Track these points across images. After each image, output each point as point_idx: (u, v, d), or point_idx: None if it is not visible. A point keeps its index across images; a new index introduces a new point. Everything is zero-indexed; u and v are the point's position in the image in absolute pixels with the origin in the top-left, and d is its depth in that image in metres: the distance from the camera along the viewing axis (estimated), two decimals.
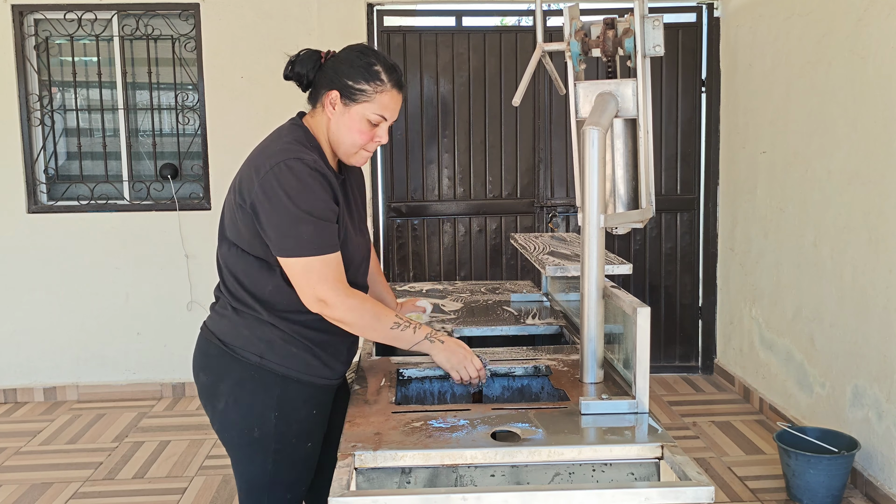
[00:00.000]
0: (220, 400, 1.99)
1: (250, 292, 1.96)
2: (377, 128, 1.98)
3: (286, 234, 1.85)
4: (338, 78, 1.94)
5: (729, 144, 4.96)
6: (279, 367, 1.96)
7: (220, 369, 2.00)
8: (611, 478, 1.67)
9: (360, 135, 1.96)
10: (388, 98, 1.97)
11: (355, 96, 1.93)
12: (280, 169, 1.85)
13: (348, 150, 1.98)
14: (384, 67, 1.96)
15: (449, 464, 1.63)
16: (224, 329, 2.00)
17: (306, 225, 1.84)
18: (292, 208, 1.84)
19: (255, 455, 2.00)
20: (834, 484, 3.33)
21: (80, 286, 4.95)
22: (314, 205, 1.85)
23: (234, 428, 1.99)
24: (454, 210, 5.15)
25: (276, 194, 1.84)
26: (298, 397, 1.99)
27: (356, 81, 1.93)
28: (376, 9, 4.97)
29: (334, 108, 1.95)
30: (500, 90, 5.08)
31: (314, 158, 1.89)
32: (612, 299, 1.97)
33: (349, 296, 1.90)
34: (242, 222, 1.92)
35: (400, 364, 2.24)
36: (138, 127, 5.01)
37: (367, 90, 1.93)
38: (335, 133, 1.97)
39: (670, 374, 5.27)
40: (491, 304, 3.01)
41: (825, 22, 3.77)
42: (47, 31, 4.89)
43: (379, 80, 1.94)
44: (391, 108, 1.98)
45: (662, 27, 1.94)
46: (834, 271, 3.72)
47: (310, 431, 2.03)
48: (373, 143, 1.99)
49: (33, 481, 3.80)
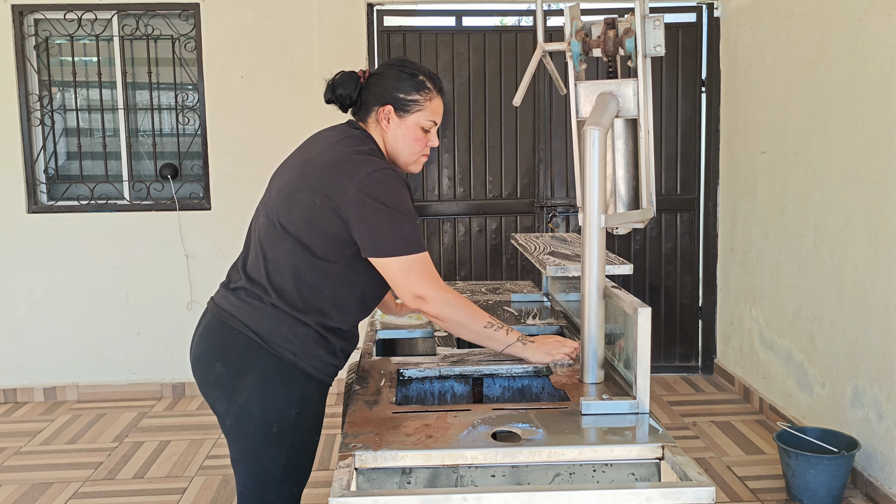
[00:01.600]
0: (242, 393, 2.00)
1: (300, 291, 1.99)
2: (429, 133, 2.10)
3: (389, 235, 1.94)
4: (388, 93, 2.05)
5: (729, 144, 4.96)
6: (308, 366, 2.02)
7: (247, 362, 2.00)
8: (611, 478, 1.67)
9: (417, 142, 2.07)
10: (437, 104, 2.09)
11: (409, 107, 2.05)
12: (376, 178, 1.94)
13: (408, 159, 2.10)
14: (427, 77, 2.08)
15: (449, 464, 1.63)
16: (260, 322, 2.00)
17: (406, 225, 1.95)
18: (393, 212, 1.94)
19: (269, 450, 2.02)
20: (834, 484, 3.33)
21: (80, 286, 4.95)
22: (407, 208, 1.97)
23: (253, 421, 2.01)
24: (454, 210, 5.15)
25: (376, 199, 1.93)
26: (315, 394, 2.06)
27: (408, 94, 2.05)
28: (376, 9, 4.97)
29: (389, 122, 2.06)
30: (500, 90, 5.08)
31: (399, 171, 2.03)
32: (612, 299, 1.97)
33: (446, 291, 2.00)
34: (323, 223, 1.96)
35: (400, 364, 2.24)
36: (138, 127, 5.01)
37: (420, 99, 2.05)
38: (393, 144, 2.08)
39: (670, 374, 5.27)
40: (491, 304, 3.01)
41: (825, 22, 3.77)
42: (47, 31, 4.89)
43: (426, 88, 2.06)
44: (439, 113, 2.11)
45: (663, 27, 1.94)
46: (834, 271, 3.72)
47: (317, 428, 2.11)
48: (427, 147, 2.11)
49: (33, 481, 3.80)
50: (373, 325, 2.72)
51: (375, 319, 2.78)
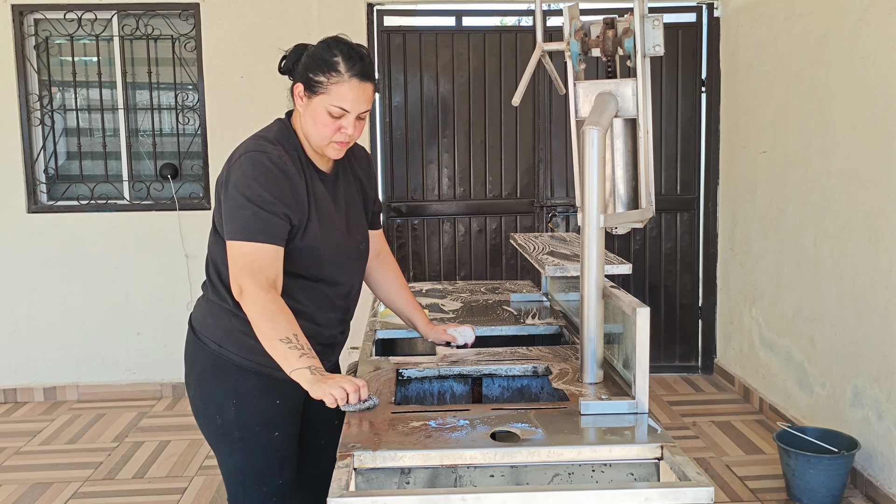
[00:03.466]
0: (191, 387, 2.07)
1: (222, 279, 2.01)
2: (341, 119, 1.94)
3: (229, 217, 1.90)
4: (303, 70, 1.96)
5: (729, 144, 4.96)
6: (235, 356, 1.99)
7: (192, 356, 2.07)
8: (610, 478, 1.67)
9: (324, 127, 1.94)
10: (346, 89, 1.91)
11: (315, 88, 1.93)
12: (242, 160, 1.92)
13: (318, 143, 1.98)
14: (345, 58, 1.92)
15: (448, 464, 1.63)
16: (196, 315, 2.08)
17: (244, 210, 1.88)
18: (237, 194, 1.89)
19: (223, 444, 2.04)
20: (834, 484, 3.33)
21: (80, 286, 4.95)
22: (258, 194, 1.87)
23: (200, 415, 2.06)
24: (454, 210, 5.15)
25: (232, 182, 1.91)
26: (256, 387, 2.00)
27: (314, 73, 1.93)
28: (376, 9, 4.97)
29: (301, 101, 1.97)
30: (500, 90, 5.07)
31: (280, 154, 1.93)
32: (611, 299, 1.97)
33: (262, 290, 1.85)
34: (217, 209, 1.99)
35: (400, 364, 2.24)
36: (138, 127, 5.01)
37: (323, 82, 1.92)
38: (304, 126, 1.99)
39: (670, 374, 5.27)
40: (491, 304, 3.01)
41: (825, 22, 3.76)
42: (47, 31, 4.89)
43: (335, 71, 1.91)
44: (350, 100, 1.92)
45: (662, 27, 1.93)
46: (834, 271, 3.72)
47: (274, 422, 2.02)
48: (340, 134, 1.96)
49: (33, 481, 3.80)
50: (372, 325, 2.71)
51: (375, 319, 2.77)
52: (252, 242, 1.87)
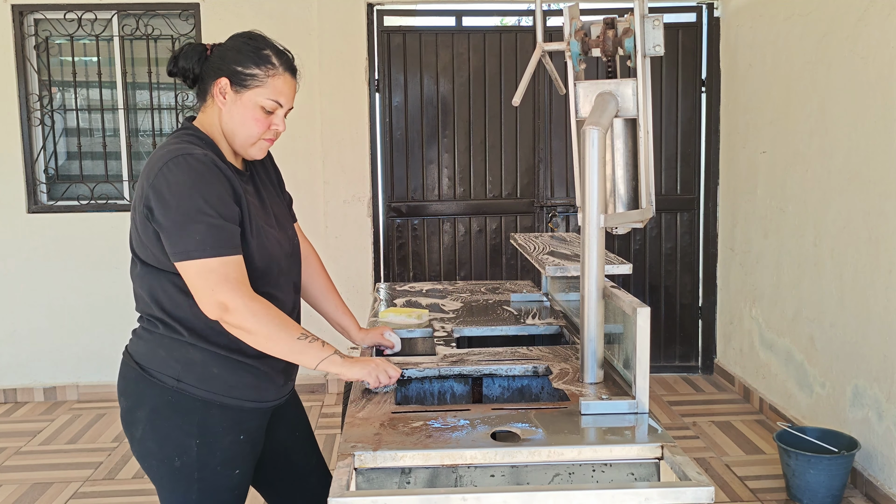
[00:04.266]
0: (138, 427, 1.87)
1: (167, 311, 1.83)
2: (272, 115, 1.86)
3: (180, 235, 1.72)
4: (226, 65, 1.84)
5: (729, 144, 4.96)
6: (198, 390, 1.83)
7: (138, 394, 1.88)
8: (611, 478, 1.67)
9: (256, 123, 1.85)
10: (282, 82, 1.85)
11: (246, 82, 1.83)
12: (168, 168, 1.74)
13: (245, 142, 1.87)
14: (274, 52, 1.86)
15: (449, 464, 1.63)
16: (140, 351, 1.88)
17: (198, 224, 1.72)
18: (182, 207, 1.72)
19: (177, 485, 1.88)
20: (834, 484, 3.33)
21: (80, 286, 4.95)
22: (207, 201, 1.73)
23: (152, 457, 1.88)
24: (454, 210, 5.15)
25: (165, 194, 1.73)
26: (222, 423, 1.86)
27: (246, 66, 1.82)
28: (376, 9, 4.97)
29: (225, 97, 1.84)
30: (500, 90, 5.07)
31: (204, 152, 1.78)
32: (612, 299, 1.97)
33: (252, 299, 1.75)
34: (145, 235, 1.80)
35: (400, 364, 2.23)
36: (138, 127, 5.01)
37: (259, 74, 1.83)
38: (228, 124, 1.86)
39: (670, 374, 5.27)
40: (491, 304, 3.01)
41: (825, 22, 3.77)
42: (47, 31, 4.89)
43: (270, 63, 1.84)
44: (286, 94, 1.86)
45: (662, 27, 1.93)
46: (834, 271, 3.72)
47: (236, 459, 1.90)
48: (270, 131, 1.88)
49: (33, 481, 3.80)
50: (372, 325, 2.71)
51: (375, 320, 2.77)
52: (216, 257, 1.72)
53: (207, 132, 1.89)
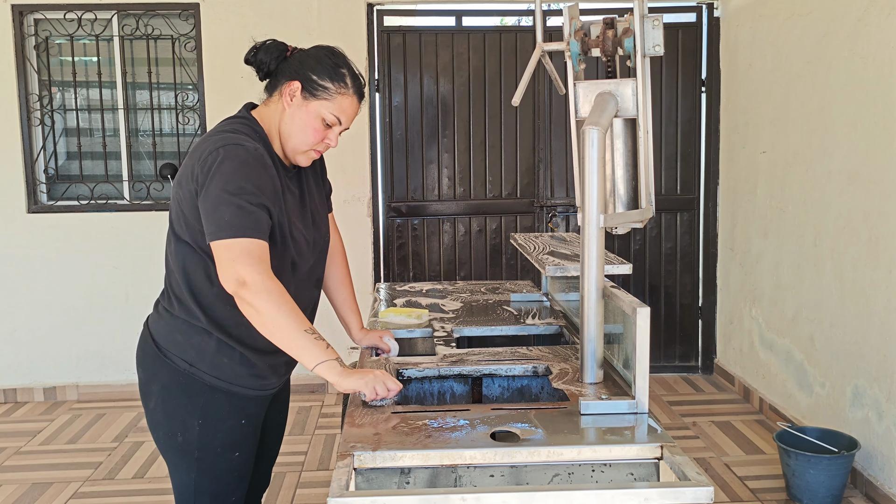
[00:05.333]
0: (151, 399, 1.98)
1: (193, 293, 1.91)
2: (330, 130, 1.94)
3: (213, 215, 1.79)
4: (303, 70, 1.92)
5: (729, 144, 4.96)
6: (208, 376, 1.92)
7: (153, 369, 1.97)
8: (610, 478, 1.67)
9: (314, 133, 1.92)
10: (349, 103, 1.94)
11: (317, 92, 1.91)
12: (218, 154, 1.81)
13: (297, 147, 1.94)
14: (350, 74, 1.94)
15: (448, 464, 1.63)
16: (160, 331, 1.97)
17: (230, 206, 1.78)
18: (220, 191, 1.79)
19: (179, 460, 1.97)
20: (834, 484, 3.33)
21: (80, 286, 4.95)
22: (244, 188, 1.79)
23: (159, 429, 1.98)
24: (454, 210, 5.15)
25: (211, 179, 1.80)
26: (225, 407, 1.95)
27: (321, 77, 1.91)
28: (376, 9, 4.97)
29: (292, 100, 1.92)
30: (500, 90, 5.07)
31: (255, 146, 1.85)
32: (611, 299, 1.97)
33: (271, 278, 1.78)
34: (190, 215, 1.87)
35: (399, 364, 2.24)
36: (138, 127, 5.01)
37: (330, 88, 1.91)
38: (288, 125, 1.93)
39: (670, 374, 5.27)
40: (491, 304, 3.01)
41: (825, 22, 3.76)
42: (47, 31, 4.89)
43: (343, 82, 1.92)
44: (349, 114, 1.95)
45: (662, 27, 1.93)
46: (834, 271, 3.72)
47: (236, 442, 1.98)
48: (322, 144, 1.95)
49: (33, 481, 3.80)
50: (372, 325, 2.71)
51: (375, 320, 2.77)
52: (244, 238, 1.77)
53: (265, 125, 1.96)
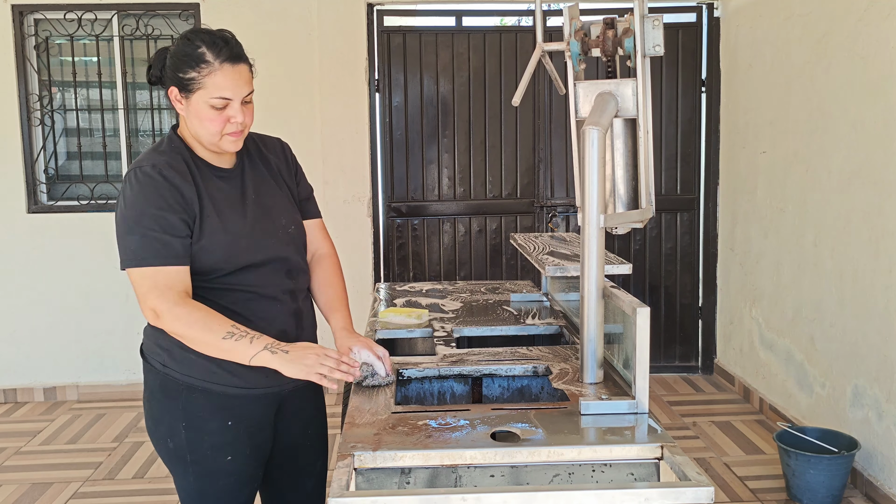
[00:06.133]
0: (144, 406, 2.01)
1: None
2: (226, 110, 1.84)
3: (121, 245, 1.83)
4: (172, 73, 1.85)
5: (729, 144, 4.96)
6: (181, 375, 1.90)
7: (145, 379, 2.00)
8: (610, 478, 1.67)
9: (211, 123, 1.84)
10: (221, 77, 1.81)
11: (189, 86, 1.82)
12: (124, 183, 1.86)
13: (211, 140, 1.87)
14: (209, 46, 1.82)
15: (448, 464, 1.63)
16: (145, 335, 1.99)
17: (135, 235, 1.80)
18: (125, 219, 1.82)
19: (175, 465, 1.96)
20: (834, 484, 3.33)
21: (80, 286, 4.95)
22: (145, 213, 1.79)
23: (153, 436, 1.98)
24: (454, 210, 5.15)
25: (118, 207, 1.85)
26: (206, 407, 1.91)
27: (184, 71, 1.82)
28: (376, 9, 4.97)
29: (180, 104, 1.86)
30: (500, 90, 5.07)
31: (156, 161, 1.84)
32: (611, 299, 1.97)
33: (178, 304, 1.78)
34: None
35: (399, 364, 2.24)
36: (138, 127, 5.01)
37: (196, 77, 1.81)
38: (191, 127, 1.88)
39: (670, 374, 5.27)
40: (491, 304, 3.01)
41: (825, 22, 3.77)
42: (47, 31, 4.89)
43: (203, 62, 1.81)
44: (228, 87, 1.83)
45: (662, 27, 1.93)
46: (834, 271, 3.72)
47: (227, 444, 1.93)
48: (231, 124, 1.86)
49: (33, 481, 3.80)
50: (372, 326, 2.71)
51: (375, 319, 2.77)
52: (149, 267, 1.79)
53: (184, 134, 1.93)
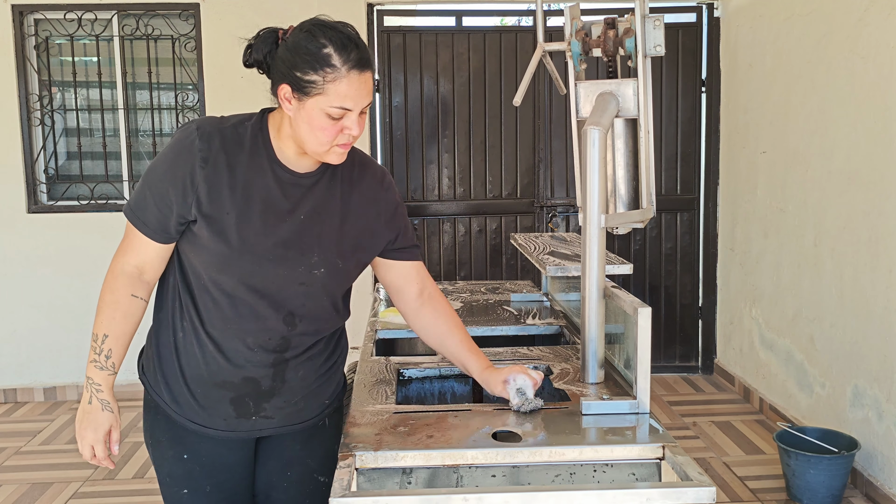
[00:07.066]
0: None
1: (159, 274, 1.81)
2: (342, 120, 1.62)
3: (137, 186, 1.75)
4: (286, 68, 1.61)
5: (729, 144, 4.96)
6: (151, 390, 1.82)
7: None
8: (612, 478, 1.67)
9: (323, 132, 1.62)
10: (346, 85, 1.59)
11: (307, 89, 1.60)
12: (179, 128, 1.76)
13: (316, 149, 1.65)
14: (336, 48, 1.58)
15: (450, 464, 1.63)
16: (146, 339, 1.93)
17: (142, 185, 1.71)
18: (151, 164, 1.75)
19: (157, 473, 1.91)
20: (834, 484, 3.33)
21: (80, 286, 4.94)
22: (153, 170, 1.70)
23: None
24: (454, 210, 5.15)
25: None
26: (166, 433, 1.80)
27: (304, 72, 1.59)
28: (376, 9, 4.97)
29: (290, 104, 1.63)
30: (500, 90, 5.07)
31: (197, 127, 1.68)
32: (612, 299, 1.97)
33: (115, 275, 1.72)
34: None
35: (400, 364, 2.23)
36: (138, 127, 5.01)
37: (317, 81, 1.58)
38: (297, 132, 1.65)
39: (670, 374, 5.27)
40: (491, 304, 3.01)
41: (825, 22, 3.77)
42: (47, 31, 4.89)
43: (329, 66, 1.58)
44: (352, 97, 1.60)
45: (663, 27, 1.94)
46: (834, 271, 3.72)
47: (181, 477, 1.80)
48: (343, 136, 1.64)
49: (33, 481, 3.80)
50: (373, 325, 2.71)
51: (375, 319, 2.77)
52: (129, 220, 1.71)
53: (273, 124, 1.72)
